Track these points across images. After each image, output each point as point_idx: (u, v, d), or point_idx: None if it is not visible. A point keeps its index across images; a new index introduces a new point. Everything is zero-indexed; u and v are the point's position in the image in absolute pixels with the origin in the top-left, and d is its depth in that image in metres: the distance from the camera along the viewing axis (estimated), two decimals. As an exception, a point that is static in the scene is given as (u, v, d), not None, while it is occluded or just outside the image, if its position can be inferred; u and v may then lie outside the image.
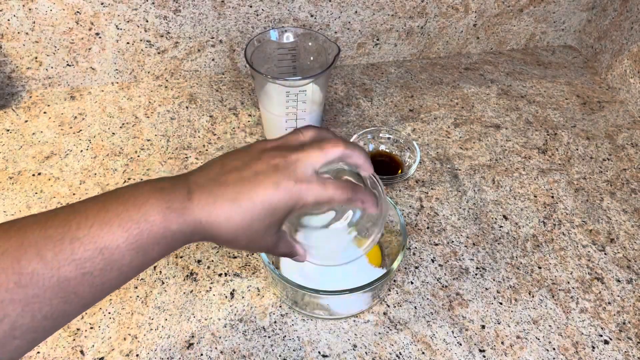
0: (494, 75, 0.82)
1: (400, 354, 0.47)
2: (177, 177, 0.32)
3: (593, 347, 0.48)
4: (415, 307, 0.51)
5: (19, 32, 0.66)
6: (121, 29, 0.69)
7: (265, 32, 0.59)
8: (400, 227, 0.48)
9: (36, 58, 0.69)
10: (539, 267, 0.55)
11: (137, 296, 0.50)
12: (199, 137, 0.68)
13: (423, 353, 0.47)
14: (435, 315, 0.50)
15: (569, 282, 0.54)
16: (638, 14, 0.74)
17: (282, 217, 0.32)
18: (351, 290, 0.43)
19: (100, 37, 0.69)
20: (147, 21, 0.69)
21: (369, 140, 0.66)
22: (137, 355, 0.46)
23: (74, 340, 0.47)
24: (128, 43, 0.71)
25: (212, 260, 0.54)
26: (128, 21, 0.68)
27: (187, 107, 0.72)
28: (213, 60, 0.76)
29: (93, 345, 0.46)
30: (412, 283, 0.53)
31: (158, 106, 0.72)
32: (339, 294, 0.43)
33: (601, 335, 0.49)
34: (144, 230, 0.28)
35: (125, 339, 0.47)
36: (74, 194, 0.59)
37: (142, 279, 0.52)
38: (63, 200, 0.59)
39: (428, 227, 0.58)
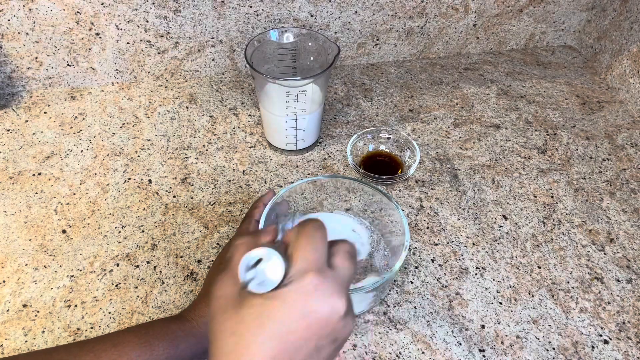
0: (493, 76, 0.82)
1: (400, 354, 0.47)
2: None
3: (593, 347, 0.48)
4: (415, 307, 0.51)
5: (19, 32, 0.66)
6: (121, 29, 0.69)
7: (265, 32, 0.59)
8: (402, 228, 0.48)
9: (36, 58, 0.70)
10: (539, 267, 0.55)
11: (138, 296, 0.50)
12: (199, 137, 0.68)
13: (423, 353, 0.47)
14: (435, 315, 0.50)
15: (568, 282, 0.54)
16: (638, 14, 0.74)
17: None
18: (352, 291, 0.43)
19: (100, 37, 0.69)
20: (147, 21, 0.69)
21: (369, 140, 0.66)
22: (138, 355, 0.46)
23: (75, 340, 0.47)
24: (128, 43, 0.71)
25: (212, 260, 0.54)
26: (128, 21, 0.68)
27: (187, 107, 0.72)
28: (213, 60, 0.76)
29: (93, 345, 0.46)
30: (412, 283, 0.53)
31: (158, 106, 0.72)
32: None
33: (601, 335, 0.49)
34: None
35: (125, 338, 0.47)
36: (74, 194, 0.60)
37: (142, 278, 0.52)
38: (63, 200, 0.59)
39: (428, 227, 0.58)
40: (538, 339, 0.49)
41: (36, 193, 0.59)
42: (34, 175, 0.62)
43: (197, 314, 0.41)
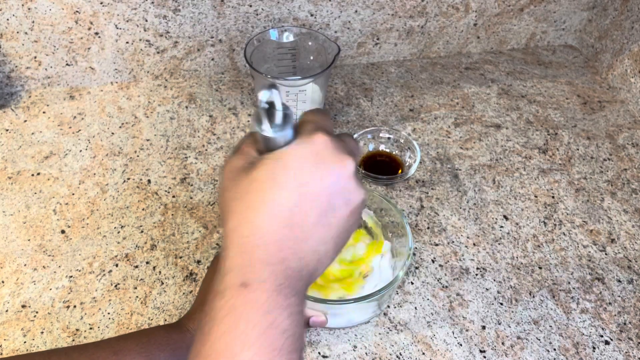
0: (494, 75, 0.82)
1: (401, 355, 0.47)
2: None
3: (594, 348, 0.48)
4: (415, 308, 0.50)
5: (18, 32, 0.66)
6: (120, 29, 0.69)
7: (265, 32, 0.59)
8: (403, 229, 0.47)
9: (35, 57, 0.69)
10: (540, 268, 0.55)
11: (137, 296, 0.50)
12: (199, 137, 0.68)
13: (423, 354, 0.47)
14: (436, 315, 0.50)
15: (569, 283, 0.54)
16: (638, 13, 0.74)
17: None
18: (355, 300, 0.42)
19: (99, 37, 0.69)
20: (146, 20, 0.68)
21: (369, 140, 0.66)
22: (137, 356, 0.46)
23: (74, 340, 0.47)
24: (127, 42, 0.70)
25: (212, 262, 0.53)
26: (127, 20, 0.68)
27: (186, 107, 0.72)
28: (213, 59, 0.76)
29: (92, 346, 0.46)
30: (412, 283, 0.52)
31: (157, 106, 0.72)
32: (343, 304, 0.42)
33: (602, 336, 0.49)
34: None
35: (124, 339, 0.47)
36: (73, 194, 0.59)
37: (141, 279, 0.52)
38: (62, 200, 0.59)
39: (428, 228, 0.58)
40: (539, 339, 0.49)
41: (35, 193, 0.59)
42: (32, 175, 0.61)
43: (196, 324, 0.40)
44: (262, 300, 0.25)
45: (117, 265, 0.53)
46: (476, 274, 0.54)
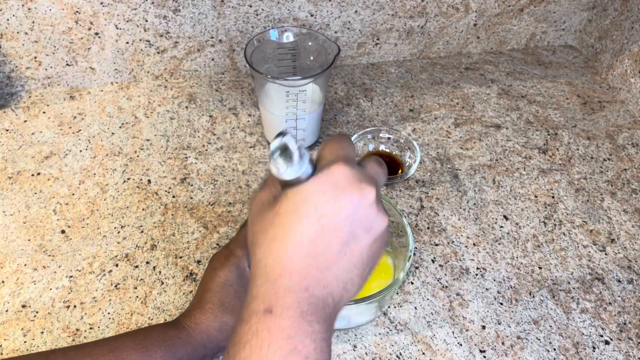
0: (494, 75, 0.82)
1: (401, 355, 0.47)
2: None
3: (594, 348, 0.48)
4: (415, 308, 0.50)
5: (18, 32, 0.66)
6: (120, 29, 0.69)
7: (265, 32, 0.59)
8: (403, 229, 0.47)
9: (35, 58, 0.69)
10: (540, 268, 0.55)
11: (137, 296, 0.50)
12: (199, 137, 0.68)
13: (423, 354, 0.47)
14: (436, 315, 0.50)
15: (569, 283, 0.54)
16: (638, 13, 0.74)
17: None
18: (355, 302, 0.42)
19: (99, 37, 0.69)
20: (146, 21, 0.68)
21: (369, 140, 0.66)
22: (137, 355, 0.46)
23: (74, 340, 0.47)
24: (127, 43, 0.71)
25: (212, 261, 0.53)
26: (127, 21, 0.68)
27: (186, 107, 0.72)
28: (213, 60, 0.76)
29: (92, 346, 0.46)
30: (412, 283, 0.53)
31: (157, 106, 0.72)
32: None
33: (602, 336, 0.49)
34: None
35: (124, 339, 0.47)
36: (73, 194, 0.59)
37: (141, 279, 0.52)
38: (62, 201, 0.59)
39: (428, 227, 0.58)
40: (539, 339, 0.49)
41: (35, 193, 0.59)
42: (33, 175, 0.61)
43: (192, 321, 0.40)
44: (285, 326, 0.25)
45: (117, 265, 0.53)
46: (476, 274, 0.54)
